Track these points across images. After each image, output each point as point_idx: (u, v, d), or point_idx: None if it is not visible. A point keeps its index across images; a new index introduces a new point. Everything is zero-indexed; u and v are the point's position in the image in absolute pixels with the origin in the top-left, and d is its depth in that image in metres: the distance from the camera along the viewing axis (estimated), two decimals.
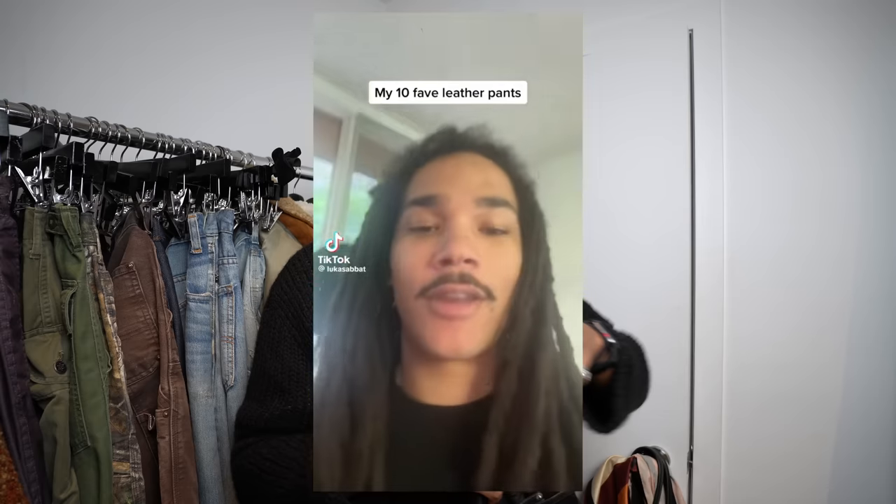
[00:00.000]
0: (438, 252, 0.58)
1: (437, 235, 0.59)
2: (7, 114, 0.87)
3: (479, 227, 0.59)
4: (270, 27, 1.70)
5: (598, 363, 0.81)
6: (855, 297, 1.38)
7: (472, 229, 0.59)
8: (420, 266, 0.58)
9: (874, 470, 1.34)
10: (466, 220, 0.59)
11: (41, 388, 0.80)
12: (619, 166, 1.66)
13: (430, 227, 0.59)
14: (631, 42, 1.65)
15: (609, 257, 1.65)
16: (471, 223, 0.59)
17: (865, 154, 1.38)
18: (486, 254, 0.59)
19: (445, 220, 0.59)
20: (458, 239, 0.58)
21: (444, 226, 0.59)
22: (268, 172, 1.23)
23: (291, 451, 0.79)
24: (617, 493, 1.50)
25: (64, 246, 0.86)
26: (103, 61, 1.33)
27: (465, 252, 0.58)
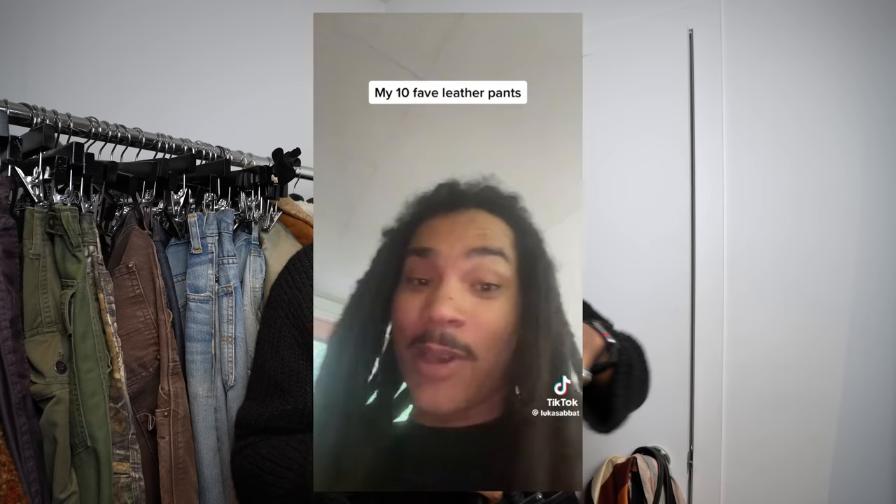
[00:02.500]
0: (426, 308, 0.60)
1: (429, 289, 0.60)
2: (7, 114, 0.87)
3: (469, 283, 0.60)
4: (270, 27, 1.70)
5: (598, 363, 0.81)
6: (855, 297, 1.38)
7: (461, 287, 0.60)
8: (412, 318, 0.60)
9: (874, 470, 1.34)
10: (455, 277, 0.60)
11: (41, 388, 0.80)
12: (619, 166, 1.66)
13: (425, 279, 0.61)
14: (631, 42, 1.65)
15: (609, 258, 1.65)
16: (460, 280, 0.60)
17: (865, 154, 1.38)
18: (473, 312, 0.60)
19: (438, 275, 0.60)
20: (443, 300, 0.59)
21: (436, 281, 0.60)
22: (268, 172, 1.23)
23: (291, 451, 0.79)
24: (617, 493, 1.50)
25: (64, 246, 0.86)
26: (103, 61, 1.33)
27: (447, 314, 0.59)
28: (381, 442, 0.61)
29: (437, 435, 0.61)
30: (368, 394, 0.61)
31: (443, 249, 0.60)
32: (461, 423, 0.61)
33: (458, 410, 0.60)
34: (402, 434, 0.60)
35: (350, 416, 0.60)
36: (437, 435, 0.61)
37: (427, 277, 0.61)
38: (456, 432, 0.61)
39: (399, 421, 0.61)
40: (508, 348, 0.60)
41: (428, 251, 0.61)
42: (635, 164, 1.64)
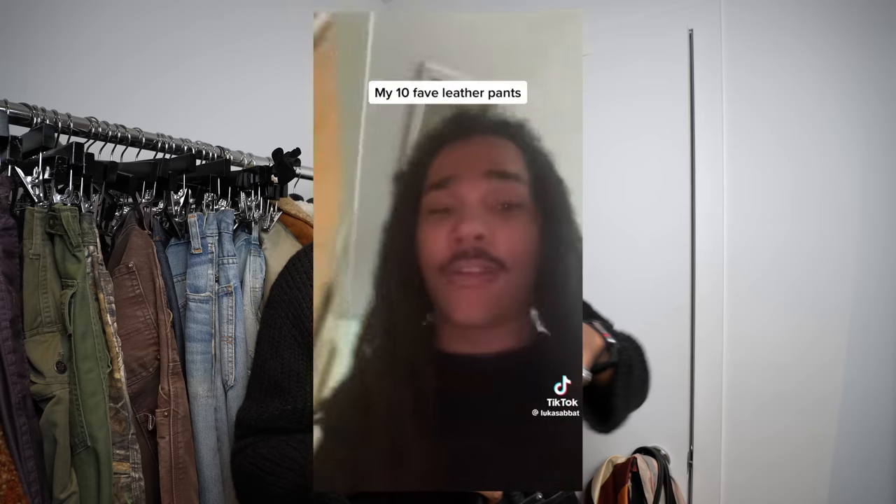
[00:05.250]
0: (452, 231, 0.62)
1: (453, 215, 0.62)
2: (7, 114, 0.87)
3: (491, 203, 0.62)
4: (270, 27, 1.70)
5: (598, 363, 0.81)
6: (855, 297, 1.38)
7: (484, 206, 0.62)
8: (439, 245, 0.62)
9: (874, 470, 1.34)
10: (477, 197, 0.62)
11: (41, 388, 0.80)
12: (619, 166, 1.66)
13: (447, 208, 0.62)
14: (631, 42, 1.65)
15: (609, 257, 1.65)
16: (481, 200, 0.62)
17: (865, 154, 1.38)
18: (498, 228, 0.62)
19: (459, 200, 0.62)
20: (469, 218, 0.61)
21: (458, 205, 0.62)
22: (268, 172, 1.23)
23: (291, 451, 0.79)
24: (617, 493, 1.50)
25: (64, 246, 0.86)
26: (103, 61, 1.33)
27: (474, 229, 0.61)
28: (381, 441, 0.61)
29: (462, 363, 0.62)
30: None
31: (461, 175, 0.62)
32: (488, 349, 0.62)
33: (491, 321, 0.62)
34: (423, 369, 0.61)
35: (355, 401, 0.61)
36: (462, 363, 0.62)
37: (448, 205, 0.62)
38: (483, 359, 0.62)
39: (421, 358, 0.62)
40: (532, 265, 0.62)
41: (447, 180, 0.62)
42: (635, 164, 1.64)
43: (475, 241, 0.61)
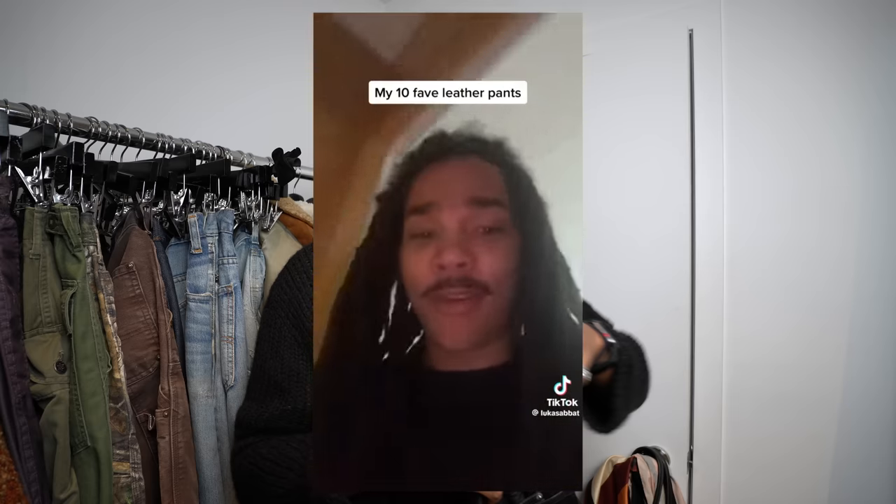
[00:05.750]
0: (435, 258, 0.62)
1: (434, 240, 0.63)
2: (7, 114, 0.87)
3: (471, 228, 0.63)
4: (270, 27, 1.70)
5: (598, 363, 0.81)
6: (855, 297, 1.38)
7: (464, 231, 0.62)
8: (422, 270, 0.63)
9: (874, 470, 1.34)
10: (457, 224, 0.63)
11: (41, 388, 0.80)
12: (619, 166, 1.66)
13: (429, 233, 0.63)
14: (631, 42, 1.65)
15: (609, 257, 1.65)
16: (462, 226, 0.63)
17: (865, 154, 1.38)
18: (480, 252, 0.62)
19: (440, 225, 0.63)
20: (450, 246, 0.62)
21: (439, 231, 0.63)
22: (268, 172, 1.23)
23: (291, 451, 0.79)
24: (617, 493, 1.50)
25: (64, 246, 0.86)
26: (103, 61, 1.33)
27: (455, 258, 0.62)
28: (381, 441, 0.61)
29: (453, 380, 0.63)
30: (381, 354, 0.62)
31: (442, 201, 0.63)
32: (475, 366, 0.63)
33: (478, 343, 0.63)
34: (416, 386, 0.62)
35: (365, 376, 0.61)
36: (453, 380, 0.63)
37: (430, 230, 0.63)
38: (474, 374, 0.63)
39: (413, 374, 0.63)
40: (515, 285, 0.62)
41: (427, 206, 0.63)
42: (635, 164, 1.64)
43: (458, 269, 0.62)
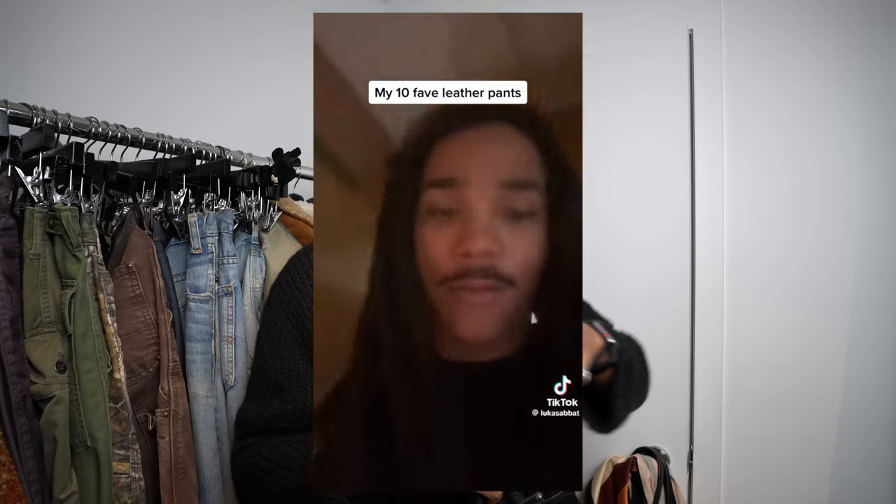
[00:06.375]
0: (459, 244, 0.57)
1: (457, 222, 0.57)
2: (7, 114, 0.87)
3: (501, 212, 0.57)
4: (270, 27, 1.70)
5: (598, 363, 0.81)
6: (855, 297, 1.38)
7: (493, 216, 0.57)
8: (442, 255, 0.58)
9: (874, 470, 1.34)
10: (486, 207, 0.57)
11: (41, 388, 0.80)
12: (619, 166, 1.66)
13: (451, 210, 0.57)
14: (631, 42, 1.65)
15: (609, 257, 1.65)
16: (491, 210, 0.57)
17: (865, 154, 1.38)
18: (508, 241, 0.58)
19: (465, 206, 0.57)
20: (478, 232, 0.57)
21: (464, 212, 0.57)
22: (268, 172, 1.23)
23: (291, 451, 0.79)
24: (617, 493, 1.50)
25: (64, 246, 0.86)
26: (103, 61, 1.33)
27: (483, 245, 0.57)
28: (381, 441, 0.61)
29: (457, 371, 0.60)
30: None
31: (469, 179, 0.56)
32: (486, 357, 0.59)
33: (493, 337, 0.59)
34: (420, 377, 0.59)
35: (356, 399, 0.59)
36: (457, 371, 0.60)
37: (452, 208, 0.57)
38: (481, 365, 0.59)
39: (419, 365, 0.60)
40: (538, 275, 0.58)
41: (451, 181, 0.57)
42: (635, 164, 1.64)
43: (484, 258, 0.56)
